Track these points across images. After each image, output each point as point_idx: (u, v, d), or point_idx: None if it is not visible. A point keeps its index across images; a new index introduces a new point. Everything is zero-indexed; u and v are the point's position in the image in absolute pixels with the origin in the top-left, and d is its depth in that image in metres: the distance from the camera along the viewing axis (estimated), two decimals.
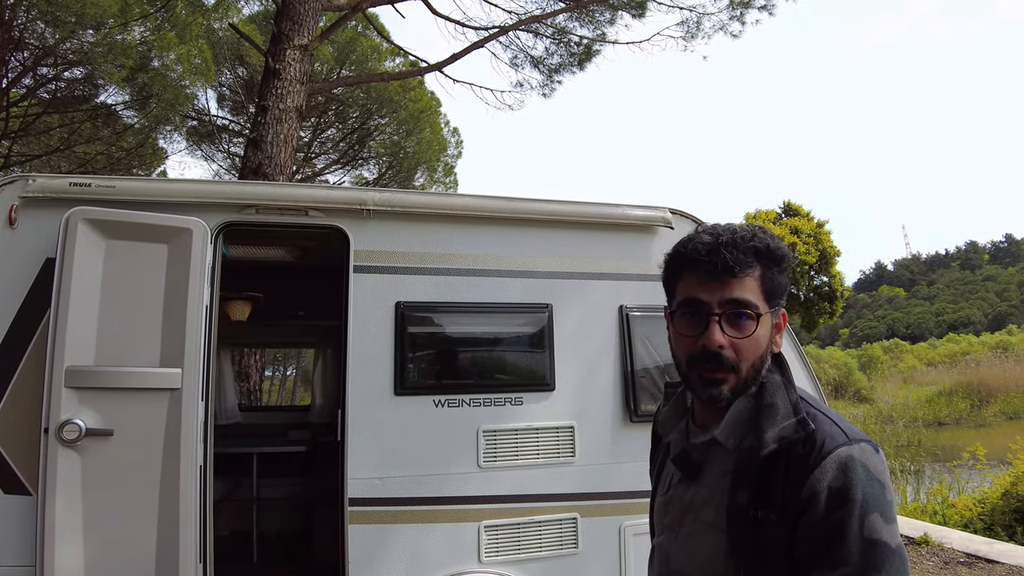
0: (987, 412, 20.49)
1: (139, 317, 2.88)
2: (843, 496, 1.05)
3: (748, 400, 1.19)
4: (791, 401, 1.17)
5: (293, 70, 7.73)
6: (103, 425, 2.76)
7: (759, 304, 1.17)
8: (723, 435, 1.19)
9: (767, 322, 1.19)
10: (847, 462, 1.07)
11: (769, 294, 1.19)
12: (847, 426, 1.14)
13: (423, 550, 3.08)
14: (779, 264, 1.20)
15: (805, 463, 1.09)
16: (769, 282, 1.19)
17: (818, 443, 1.10)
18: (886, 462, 1.12)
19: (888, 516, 1.05)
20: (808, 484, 1.07)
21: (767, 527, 1.10)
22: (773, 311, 1.21)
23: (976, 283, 76.31)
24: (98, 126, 11.99)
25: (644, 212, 3.58)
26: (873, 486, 1.06)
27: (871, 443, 1.11)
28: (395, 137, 15.30)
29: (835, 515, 1.04)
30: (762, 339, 1.18)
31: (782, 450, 1.12)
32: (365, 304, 3.18)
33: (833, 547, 1.04)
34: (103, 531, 2.73)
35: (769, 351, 1.21)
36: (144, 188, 3.09)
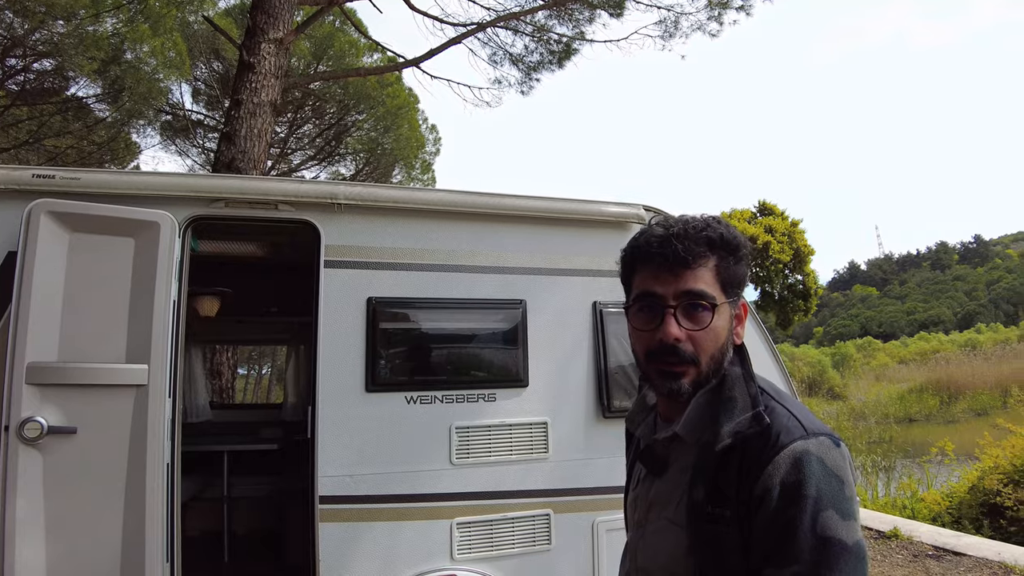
0: (956, 409, 20.90)
1: (104, 312, 2.82)
2: (796, 492, 1.01)
3: (708, 394, 1.17)
4: (750, 394, 1.14)
5: (268, 64, 7.64)
6: (66, 423, 2.69)
7: (715, 295, 1.16)
8: (684, 430, 1.18)
9: (725, 313, 1.17)
10: (801, 456, 1.03)
11: (726, 284, 1.18)
12: (807, 419, 1.11)
13: (395, 548, 3.06)
14: (734, 253, 1.18)
15: (759, 458, 1.06)
16: (725, 272, 1.17)
17: (773, 437, 1.07)
18: (848, 457, 1.08)
19: (845, 513, 1.01)
20: (761, 480, 1.04)
21: (722, 524, 1.07)
22: (731, 302, 1.19)
23: (946, 283, 77.86)
24: (68, 119, 11.76)
25: (618, 208, 3.59)
26: (830, 482, 1.03)
27: (832, 437, 1.08)
28: (372, 133, 15.19)
29: (787, 512, 1.01)
30: (720, 330, 1.16)
31: (737, 445, 1.09)
32: (336, 300, 3.14)
33: (784, 545, 1.00)
34: (66, 531, 2.66)
35: (730, 343, 1.20)
36: (110, 181, 3.02)
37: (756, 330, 3.78)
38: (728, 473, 1.09)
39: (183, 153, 15.30)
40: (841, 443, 1.08)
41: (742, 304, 1.22)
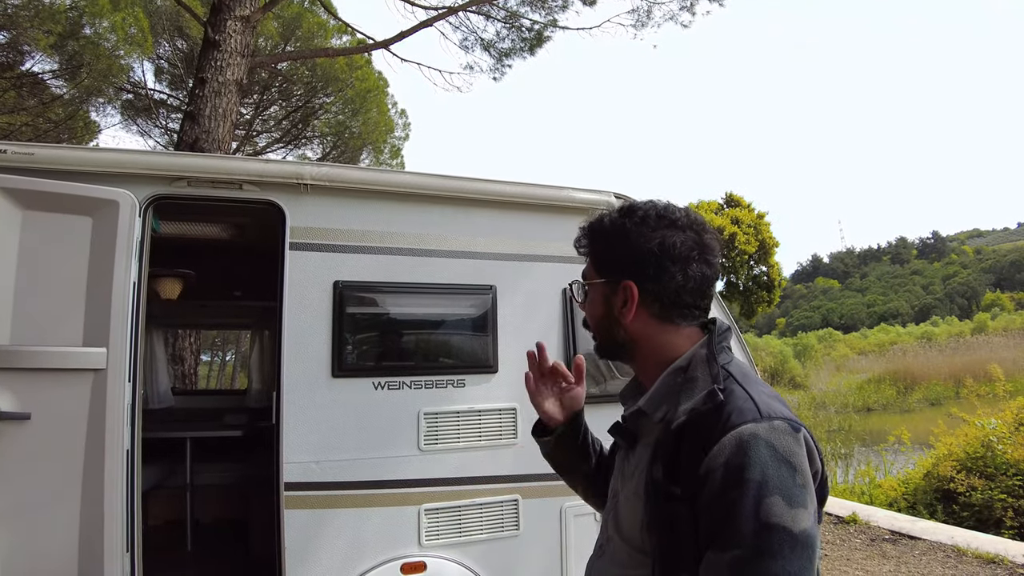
0: (911, 399, 21.53)
1: (60, 293, 2.71)
2: (739, 475, 1.00)
3: (676, 374, 1.19)
4: (711, 374, 1.14)
5: (234, 42, 7.44)
6: (19, 408, 2.58)
7: (589, 275, 1.34)
8: (648, 406, 1.20)
9: (597, 291, 1.31)
10: (749, 440, 1.02)
11: (601, 266, 1.31)
12: (766, 402, 1.09)
13: (362, 535, 3.02)
14: (604, 240, 1.30)
15: (708, 438, 1.05)
16: (599, 256, 1.32)
17: (723, 417, 1.06)
18: (808, 444, 1.06)
19: (793, 500, 0.99)
20: (707, 460, 1.04)
21: (676, 502, 1.07)
22: (605, 281, 1.28)
23: (905, 276, 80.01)
24: (23, 95, 11.34)
25: (588, 195, 3.57)
26: (779, 468, 1.00)
27: (791, 422, 1.06)
28: (340, 117, 14.94)
29: (729, 494, 1.00)
30: (594, 308, 1.32)
31: (691, 422, 1.09)
32: (302, 283, 3.07)
33: (725, 528, 0.99)
34: (21, 522, 2.56)
35: (615, 320, 1.27)
36: (66, 156, 2.89)
37: (722, 318, 3.81)
38: (683, 451, 1.09)
39: (145, 133, 14.89)
40: (801, 429, 1.06)
41: (624, 284, 1.25)
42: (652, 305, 1.24)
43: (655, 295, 1.23)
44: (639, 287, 1.23)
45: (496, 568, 3.21)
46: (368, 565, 3.02)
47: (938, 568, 5.20)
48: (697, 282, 1.23)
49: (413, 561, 3.06)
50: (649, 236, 1.23)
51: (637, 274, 1.23)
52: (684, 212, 1.28)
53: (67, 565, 2.61)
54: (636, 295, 1.23)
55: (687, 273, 1.22)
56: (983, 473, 6.84)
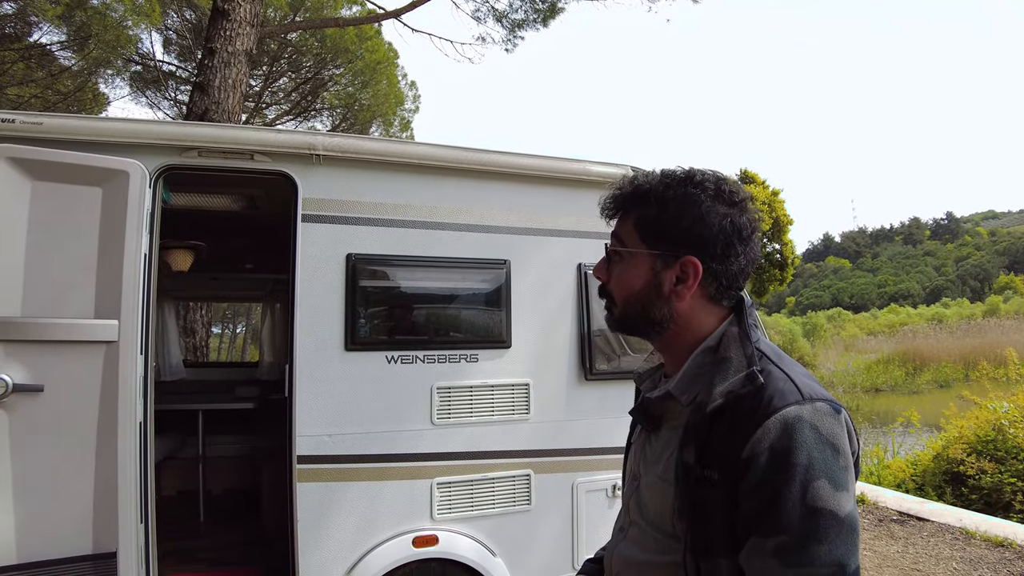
0: (920, 380, 21.47)
1: (71, 265, 2.69)
2: (785, 459, 0.97)
3: (706, 354, 1.14)
4: (746, 354, 1.09)
5: (243, 11, 7.34)
6: (32, 380, 2.58)
7: (628, 241, 1.20)
8: (677, 389, 1.15)
9: (643, 263, 1.18)
10: (794, 422, 0.98)
11: (648, 235, 1.18)
12: (806, 383, 1.05)
13: (374, 508, 3.03)
14: (650, 204, 1.18)
15: (749, 421, 1.01)
16: (645, 223, 1.18)
17: (765, 400, 1.02)
18: (848, 425, 1.03)
19: (839, 483, 0.96)
20: (750, 444, 0.99)
21: (710, 487, 1.03)
22: (658, 254, 1.16)
23: (917, 257, 79.37)
24: (32, 67, 11.29)
25: (605, 168, 3.51)
26: (823, 450, 0.97)
27: (831, 403, 1.03)
28: (350, 88, 14.81)
29: (775, 479, 0.97)
30: (632, 278, 1.19)
31: (728, 405, 1.05)
32: (314, 256, 3.03)
33: (771, 513, 0.96)
34: (35, 492, 2.57)
35: (661, 296, 1.16)
36: (75, 126, 2.85)
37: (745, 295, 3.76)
38: (718, 434, 1.05)
39: (154, 105, 14.81)
40: (842, 410, 1.03)
41: (686, 260, 1.14)
42: (710, 285, 1.16)
43: (715, 275, 1.15)
44: (704, 265, 1.14)
45: (508, 542, 3.22)
46: (380, 538, 3.03)
47: (946, 550, 5.19)
48: (752, 264, 1.18)
49: (425, 534, 3.07)
50: (721, 211, 1.14)
51: (703, 250, 1.14)
52: (742, 188, 1.20)
53: (82, 535, 2.62)
54: (700, 273, 1.14)
55: (747, 255, 1.16)
56: (993, 456, 6.80)
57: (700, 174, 1.18)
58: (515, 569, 3.20)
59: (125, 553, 2.66)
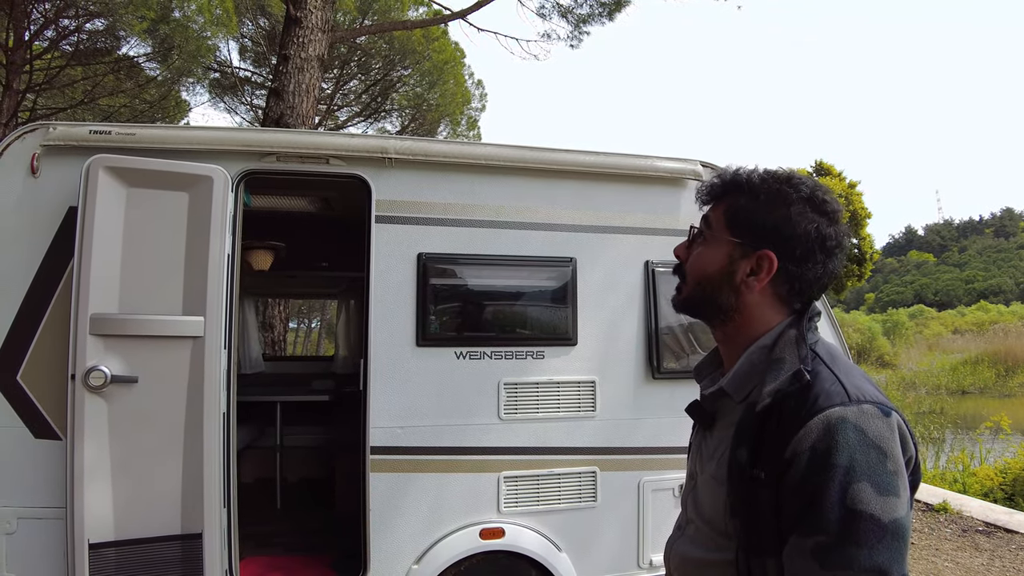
0: (1013, 382, 20.13)
1: (161, 265, 2.88)
2: (825, 460, 0.96)
3: (761, 352, 1.14)
4: (800, 356, 1.08)
5: (315, 18, 7.60)
6: (128, 372, 2.78)
7: (716, 227, 1.21)
8: (731, 386, 1.16)
9: (720, 248, 1.19)
10: (837, 424, 0.97)
11: (734, 223, 1.18)
12: (856, 384, 1.03)
13: (443, 499, 3.11)
14: (744, 193, 1.18)
15: (793, 420, 1.01)
16: (733, 211, 1.19)
17: (810, 400, 1.01)
18: (900, 428, 1.00)
19: (884, 487, 0.94)
20: (792, 443, 0.99)
21: (759, 485, 1.03)
22: (738, 243, 1.16)
23: (1010, 251, 74.45)
24: (121, 78, 11.99)
25: (673, 164, 3.48)
26: (868, 453, 0.96)
27: (881, 405, 1.00)
28: (418, 89, 15.06)
29: (814, 479, 0.96)
30: (706, 260, 1.20)
31: (776, 405, 1.04)
32: (387, 255, 3.14)
33: (810, 513, 0.96)
34: (130, 475, 2.77)
35: (732, 285, 1.17)
36: (164, 136, 3.05)
37: None
38: (767, 433, 1.05)
39: (232, 110, 15.49)
40: (893, 413, 1.01)
41: (762, 253, 1.14)
42: (781, 286, 1.16)
43: (789, 277, 1.15)
44: (780, 263, 1.13)
45: (573, 538, 3.24)
46: (448, 529, 3.11)
47: None
48: (830, 278, 1.17)
49: (492, 527, 3.12)
50: (810, 216, 1.13)
51: (782, 249, 1.13)
52: (837, 200, 1.19)
53: (171, 516, 2.81)
54: (774, 269, 1.14)
55: (827, 267, 1.15)
56: None
57: (798, 177, 1.18)
58: (580, 565, 3.22)
59: (210, 534, 2.83)
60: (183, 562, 2.82)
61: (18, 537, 2.77)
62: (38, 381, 2.83)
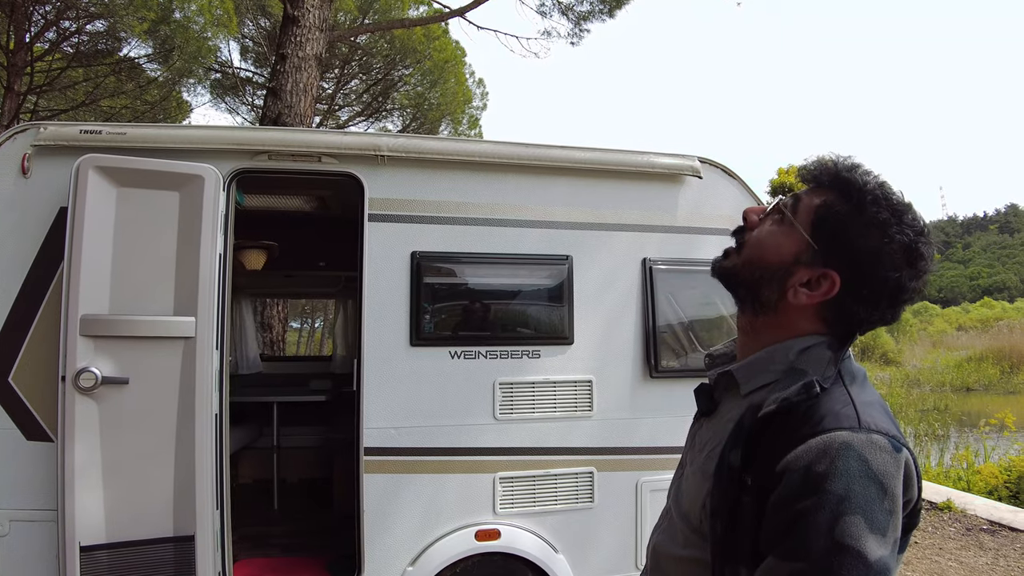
0: (1017, 379, 20.03)
1: (152, 265, 2.86)
2: (819, 484, 0.89)
3: (783, 354, 1.07)
4: (824, 375, 1.01)
5: (312, 17, 7.57)
6: (119, 373, 2.76)
7: (801, 216, 1.07)
8: (740, 373, 1.10)
9: (791, 240, 1.07)
10: (840, 448, 0.90)
11: (820, 222, 1.05)
12: (869, 413, 0.96)
13: (438, 500, 3.08)
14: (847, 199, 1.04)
15: (795, 434, 0.94)
16: (827, 210, 1.06)
17: (816, 417, 0.95)
18: (908, 467, 0.94)
19: (876, 525, 0.87)
20: (787, 458, 0.93)
21: (745, 492, 0.97)
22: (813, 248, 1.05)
23: (1015, 247, 74.17)
24: (122, 80, 12.00)
25: (671, 160, 3.44)
26: (867, 486, 0.89)
27: (893, 439, 0.93)
28: (419, 88, 15.05)
29: (803, 501, 0.89)
30: (771, 245, 1.09)
31: (780, 413, 0.98)
32: (380, 254, 3.11)
33: (793, 537, 0.89)
34: (122, 477, 2.75)
35: (778, 279, 1.07)
36: (155, 135, 3.02)
37: None
38: (763, 440, 0.99)
39: (233, 111, 15.49)
40: (903, 450, 0.94)
41: (828, 272, 1.03)
42: (829, 311, 1.06)
43: (843, 308, 1.05)
44: (841, 286, 1.03)
45: (570, 539, 3.21)
46: (444, 530, 3.08)
47: None
48: (881, 325, 1.09)
49: (488, 528, 3.09)
50: (899, 263, 1.02)
51: (852, 281, 1.03)
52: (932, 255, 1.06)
53: (163, 518, 2.79)
54: (833, 294, 1.04)
55: (884, 316, 1.06)
56: None
57: (912, 215, 1.05)
58: (577, 566, 3.19)
59: (202, 537, 2.80)
60: (175, 564, 2.79)
61: (10, 539, 2.76)
62: (30, 383, 2.82)
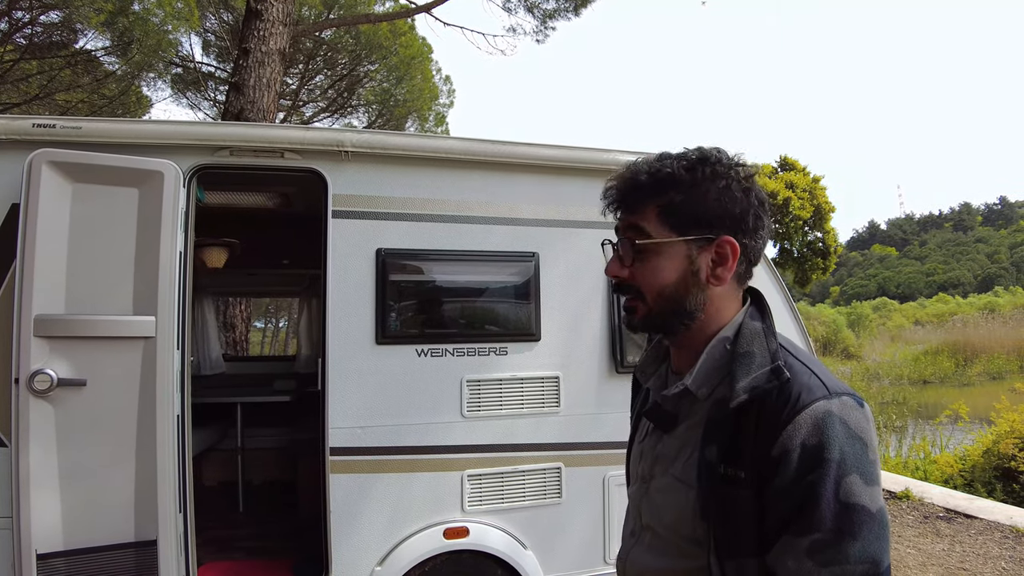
0: (971, 372, 20.71)
1: (110, 264, 2.78)
2: (818, 455, 0.94)
3: (723, 347, 1.10)
4: (770, 349, 1.06)
5: (276, 11, 7.45)
6: (76, 375, 2.68)
7: (653, 231, 1.11)
8: (695, 384, 1.11)
9: (676, 251, 1.11)
10: (824, 418, 0.96)
11: (675, 221, 1.10)
12: (829, 378, 1.03)
13: (406, 499, 3.06)
14: (675, 188, 1.10)
15: (778, 417, 0.98)
16: (671, 209, 1.10)
17: (793, 395, 0.99)
18: (871, 419, 1.01)
19: (869, 477, 0.95)
20: (780, 441, 0.97)
21: (737, 486, 1.01)
22: (690, 240, 1.10)
23: (968, 244, 76.58)
24: (78, 73, 11.63)
25: (635, 158, 3.46)
26: (853, 445, 0.96)
27: (855, 397, 1.01)
28: (385, 84, 14.93)
29: (808, 476, 0.94)
30: (663, 269, 1.11)
31: (754, 401, 1.02)
32: (345, 251, 3.07)
33: (805, 511, 0.94)
34: (80, 482, 2.67)
35: (698, 284, 1.11)
36: (112, 129, 2.94)
37: (775, 286, 3.68)
38: (744, 431, 1.02)
39: (195, 106, 15.17)
40: (864, 404, 1.01)
41: (722, 240, 1.09)
42: (741, 264, 1.12)
43: (747, 252, 1.12)
44: (738, 243, 1.10)
45: (538, 535, 3.22)
46: (412, 529, 3.06)
47: (995, 549, 5.01)
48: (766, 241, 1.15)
49: (456, 526, 3.09)
50: (744, 186, 1.11)
51: (736, 228, 1.10)
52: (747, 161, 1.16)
53: (124, 523, 2.72)
54: (739, 251, 1.10)
55: (769, 228, 1.15)
56: None
57: (714, 153, 1.13)
58: (546, 562, 3.20)
59: (165, 541, 2.74)
60: (137, 570, 2.73)
61: None
62: None
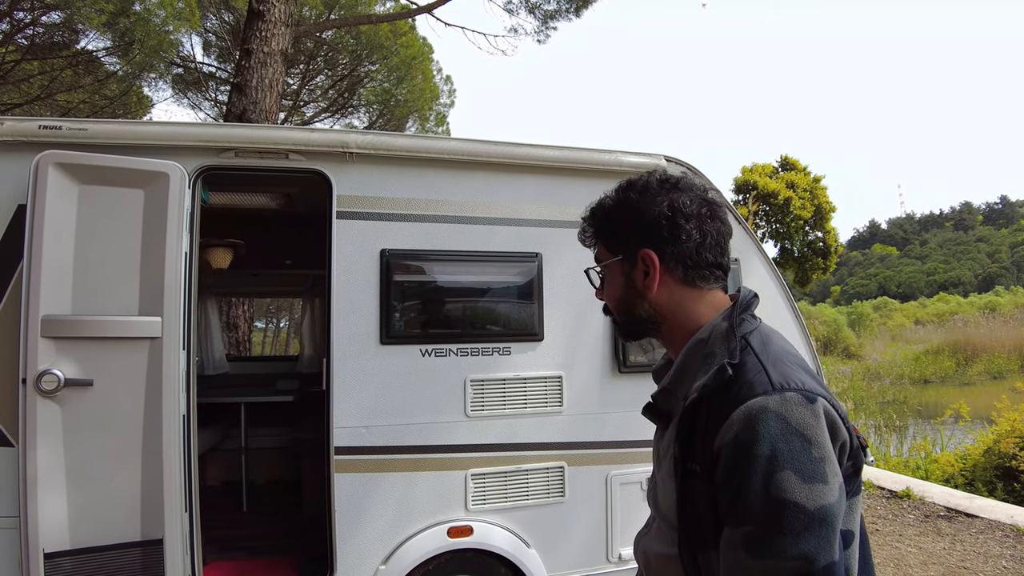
0: (972, 371, 20.71)
1: (116, 264, 2.79)
2: (747, 451, 0.97)
3: (697, 347, 1.16)
4: (729, 348, 1.09)
5: (278, 11, 7.46)
6: (82, 375, 2.70)
7: (602, 257, 1.31)
8: (672, 383, 1.19)
9: (614, 271, 1.27)
10: (757, 414, 0.98)
11: (610, 246, 1.28)
12: (782, 373, 1.04)
13: (410, 498, 3.08)
14: (604, 220, 1.28)
15: (721, 414, 1.03)
16: (607, 237, 1.29)
17: (733, 392, 1.03)
18: (825, 415, 1.00)
19: (808, 475, 0.94)
20: (718, 436, 1.02)
21: (695, 480, 1.06)
22: (622, 258, 1.25)
23: (968, 244, 76.52)
24: (79, 73, 11.65)
25: (638, 159, 3.48)
26: (790, 441, 0.96)
27: (806, 392, 1.01)
28: (386, 84, 14.93)
29: (738, 471, 0.97)
30: (612, 287, 1.29)
31: (703, 399, 1.06)
32: (349, 251, 3.09)
33: (737, 504, 0.97)
34: (87, 482, 2.69)
35: (638, 294, 1.24)
36: (118, 131, 2.95)
37: (776, 286, 3.69)
38: (698, 428, 1.07)
39: (196, 106, 15.19)
40: (817, 400, 1.01)
41: (643, 253, 1.21)
42: (675, 269, 1.21)
43: (676, 257, 1.20)
44: (658, 252, 1.20)
45: (541, 534, 3.23)
46: (416, 528, 3.08)
47: (996, 547, 5.02)
48: (714, 237, 1.21)
49: (460, 525, 3.11)
50: (656, 200, 1.21)
51: (653, 240, 1.21)
52: (683, 175, 1.29)
53: (130, 522, 2.74)
54: (657, 260, 1.20)
55: (703, 229, 1.20)
56: None
57: (633, 178, 1.28)
58: (549, 561, 3.22)
59: (171, 540, 2.76)
60: (143, 569, 2.74)
61: None
62: None
